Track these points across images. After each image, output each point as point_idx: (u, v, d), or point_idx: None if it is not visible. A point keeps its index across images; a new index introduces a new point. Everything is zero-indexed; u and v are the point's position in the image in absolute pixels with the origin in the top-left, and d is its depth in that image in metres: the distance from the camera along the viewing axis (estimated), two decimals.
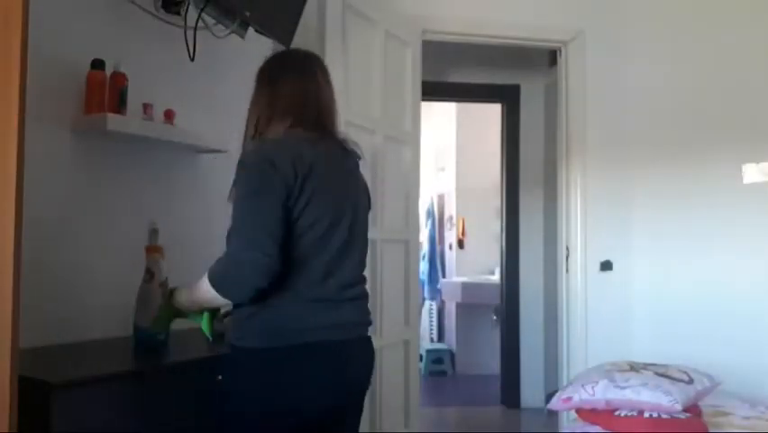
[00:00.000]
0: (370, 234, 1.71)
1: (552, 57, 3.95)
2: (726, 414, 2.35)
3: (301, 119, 1.53)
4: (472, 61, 4.40)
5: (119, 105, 1.85)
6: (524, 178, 4.60)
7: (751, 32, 3.11)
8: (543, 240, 4.48)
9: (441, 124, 6.03)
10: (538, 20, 3.32)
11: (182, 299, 1.57)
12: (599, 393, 2.18)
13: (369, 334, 1.61)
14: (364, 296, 1.61)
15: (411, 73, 3.05)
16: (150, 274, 1.78)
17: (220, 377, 1.65)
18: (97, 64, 1.85)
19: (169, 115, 2.02)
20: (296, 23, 2.36)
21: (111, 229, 1.95)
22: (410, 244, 3.03)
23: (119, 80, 1.87)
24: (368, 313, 1.63)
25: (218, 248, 1.40)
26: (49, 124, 1.77)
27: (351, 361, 1.52)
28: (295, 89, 1.56)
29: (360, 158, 1.65)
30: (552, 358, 3.96)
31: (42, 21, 1.62)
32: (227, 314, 1.59)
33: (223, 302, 1.47)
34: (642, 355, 2.83)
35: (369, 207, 1.70)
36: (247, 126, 1.59)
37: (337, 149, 1.57)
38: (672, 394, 2.08)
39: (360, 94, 2.68)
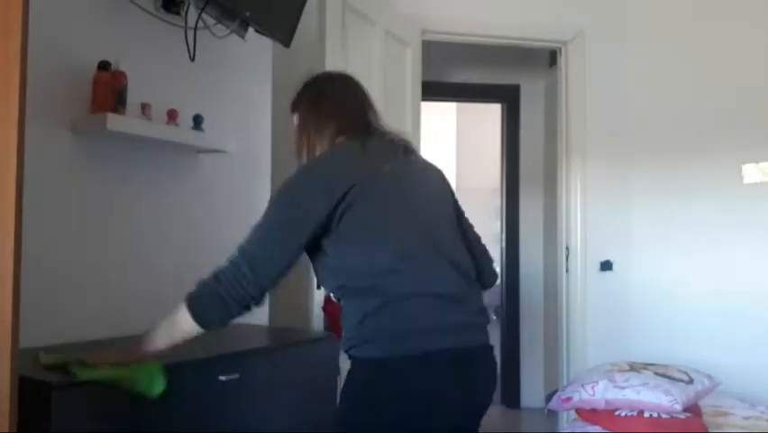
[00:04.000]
0: None
1: (552, 57, 3.95)
2: (726, 414, 2.35)
3: (346, 123, 1.51)
4: (472, 61, 4.40)
5: (117, 104, 1.85)
6: (524, 178, 4.60)
7: (751, 31, 3.11)
8: (543, 240, 4.48)
9: (441, 124, 6.02)
10: (538, 20, 3.32)
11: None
12: (599, 393, 2.18)
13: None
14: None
15: (411, 73, 3.05)
16: None
17: (222, 378, 1.65)
18: (104, 65, 1.84)
19: (172, 116, 2.02)
20: (296, 23, 2.36)
21: (111, 229, 1.95)
22: None
23: (118, 79, 1.86)
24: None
25: (218, 248, 1.40)
26: (49, 124, 1.77)
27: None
28: (336, 97, 1.56)
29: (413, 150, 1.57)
30: (552, 358, 3.96)
31: (42, 21, 1.62)
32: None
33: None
34: (642, 355, 2.84)
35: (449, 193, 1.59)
36: (297, 150, 1.55)
37: (385, 147, 1.50)
38: (671, 394, 2.08)
39: None
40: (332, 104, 1.54)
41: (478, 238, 1.66)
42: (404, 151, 1.52)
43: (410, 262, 1.38)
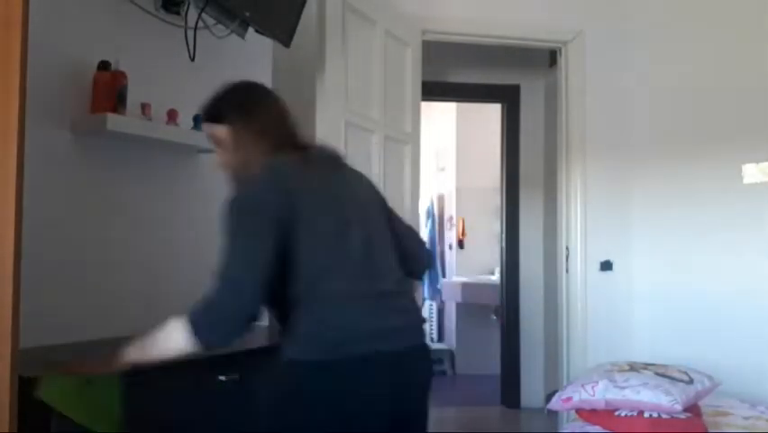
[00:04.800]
0: None
1: (552, 57, 3.95)
2: (726, 414, 2.35)
3: (280, 139, 1.51)
4: (472, 61, 4.40)
5: (117, 104, 1.85)
6: (524, 178, 4.60)
7: (751, 31, 3.11)
8: (543, 240, 4.48)
9: (441, 124, 6.03)
10: (538, 20, 3.32)
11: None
12: (599, 393, 2.18)
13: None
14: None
15: (411, 73, 3.05)
16: None
17: (222, 378, 1.65)
18: (104, 65, 1.84)
19: (172, 116, 2.02)
20: (296, 23, 2.36)
21: (110, 229, 1.95)
22: None
23: (118, 79, 1.86)
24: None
25: (218, 247, 1.39)
26: (49, 124, 1.77)
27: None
28: (271, 112, 1.55)
29: (342, 158, 1.62)
30: (552, 358, 3.96)
31: (42, 21, 1.62)
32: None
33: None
34: (642, 355, 2.84)
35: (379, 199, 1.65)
36: (230, 166, 1.54)
37: (319, 159, 1.54)
38: (671, 394, 2.08)
39: (360, 94, 2.68)
40: (267, 119, 1.52)
41: (407, 228, 1.73)
42: (333, 161, 1.57)
43: (345, 268, 1.41)
